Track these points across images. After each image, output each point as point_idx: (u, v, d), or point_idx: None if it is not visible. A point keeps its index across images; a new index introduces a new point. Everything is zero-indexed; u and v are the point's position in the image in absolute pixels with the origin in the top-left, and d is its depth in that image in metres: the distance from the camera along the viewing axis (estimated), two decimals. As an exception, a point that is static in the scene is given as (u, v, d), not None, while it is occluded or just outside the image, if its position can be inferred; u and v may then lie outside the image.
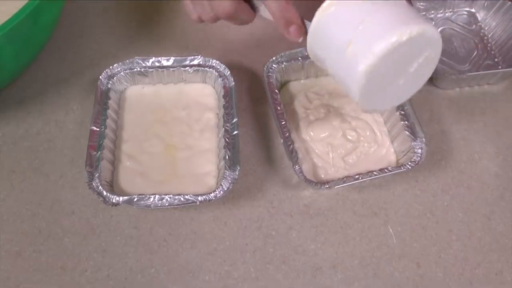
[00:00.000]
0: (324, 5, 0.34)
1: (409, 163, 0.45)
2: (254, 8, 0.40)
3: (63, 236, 0.44)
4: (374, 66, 0.32)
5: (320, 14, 0.34)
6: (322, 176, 0.47)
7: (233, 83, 0.49)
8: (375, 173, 0.44)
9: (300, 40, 0.37)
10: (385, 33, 0.31)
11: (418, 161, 0.45)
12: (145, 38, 0.58)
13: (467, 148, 0.50)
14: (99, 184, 0.43)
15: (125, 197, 0.42)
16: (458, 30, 0.59)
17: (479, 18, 0.59)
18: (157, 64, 0.51)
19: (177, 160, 0.47)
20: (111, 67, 0.50)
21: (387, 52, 0.31)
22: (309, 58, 0.50)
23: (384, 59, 0.32)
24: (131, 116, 0.50)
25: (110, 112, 0.48)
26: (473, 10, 0.60)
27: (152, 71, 0.50)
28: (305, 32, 0.37)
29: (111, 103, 0.49)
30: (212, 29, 0.58)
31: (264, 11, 0.39)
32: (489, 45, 0.57)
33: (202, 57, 0.51)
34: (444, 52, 0.34)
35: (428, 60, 0.35)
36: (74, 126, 0.51)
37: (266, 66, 0.50)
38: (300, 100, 0.51)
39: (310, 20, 0.35)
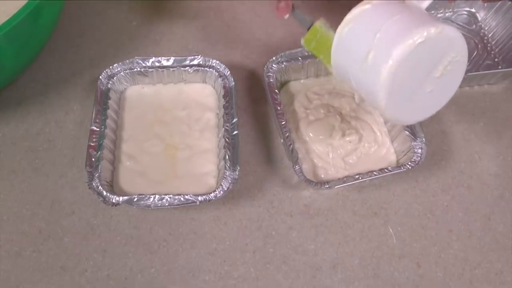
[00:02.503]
0: (342, 22, 0.35)
1: (409, 163, 0.45)
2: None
3: (63, 236, 0.44)
4: (396, 68, 0.32)
5: (340, 30, 0.35)
6: (322, 176, 0.47)
7: (233, 83, 0.49)
8: (375, 173, 0.44)
9: (286, 17, 0.41)
10: (402, 35, 0.32)
11: (418, 161, 0.45)
12: (145, 38, 0.58)
13: (467, 148, 0.50)
14: (99, 184, 0.43)
15: (125, 197, 0.42)
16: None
17: (479, 18, 0.59)
18: (157, 64, 0.51)
19: (177, 160, 0.47)
20: (111, 67, 0.50)
21: (407, 53, 0.32)
22: (309, 58, 0.51)
23: (404, 61, 0.32)
24: (131, 116, 0.50)
25: (110, 112, 0.48)
26: (473, 10, 0.60)
27: (152, 71, 0.50)
28: (290, 11, 0.41)
29: (111, 103, 0.49)
30: (212, 29, 0.58)
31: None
32: (489, 45, 0.57)
33: (202, 57, 0.51)
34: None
35: (454, 64, 0.34)
36: (74, 126, 0.51)
37: (266, 66, 0.50)
38: (300, 100, 0.51)
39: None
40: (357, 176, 0.44)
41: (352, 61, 0.35)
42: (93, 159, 0.44)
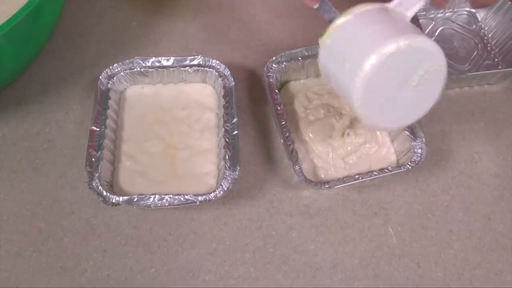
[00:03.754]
0: (326, 33, 0.36)
1: (409, 163, 0.45)
2: None
3: (63, 236, 0.44)
4: (367, 79, 0.33)
5: (323, 40, 0.36)
6: (322, 176, 0.47)
7: (233, 83, 0.49)
8: (375, 173, 0.44)
9: (316, 6, 0.39)
10: (374, 47, 0.33)
11: (418, 161, 0.45)
12: (145, 38, 0.58)
13: (467, 148, 0.50)
14: (99, 184, 0.43)
15: (125, 197, 0.42)
16: (458, 30, 0.59)
17: (479, 18, 0.59)
18: (157, 64, 0.51)
19: (177, 160, 0.47)
20: (111, 67, 0.50)
21: (378, 65, 0.33)
22: (309, 58, 0.51)
23: (376, 72, 0.33)
24: (131, 116, 0.50)
25: (110, 112, 0.48)
26: (473, 10, 0.60)
27: (152, 71, 0.50)
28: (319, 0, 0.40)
29: (111, 103, 0.49)
30: (212, 29, 0.58)
31: None
32: (489, 45, 0.57)
33: (202, 57, 0.51)
34: (444, 52, 0.35)
35: (430, 73, 0.35)
36: (74, 126, 0.51)
37: (266, 66, 0.50)
38: (300, 100, 0.51)
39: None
40: (357, 176, 0.44)
41: (333, 69, 0.36)
42: (93, 159, 0.44)
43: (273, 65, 0.50)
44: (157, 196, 0.42)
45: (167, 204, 0.42)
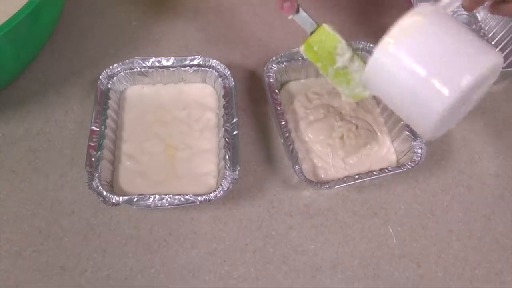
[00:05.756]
0: (383, 42, 0.33)
1: (409, 163, 0.45)
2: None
3: (63, 236, 0.44)
4: (459, 98, 0.30)
5: (386, 43, 0.32)
6: (322, 176, 0.47)
7: (233, 83, 0.49)
8: (375, 173, 0.44)
9: (290, 17, 0.40)
10: (472, 63, 0.30)
11: (418, 161, 0.45)
12: (145, 38, 0.58)
13: (467, 148, 0.50)
14: (99, 184, 0.43)
15: (125, 197, 0.42)
16: (458, 30, 0.59)
17: (479, 18, 0.59)
18: (157, 64, 0.51)
19: (177, 160, 0.47)
20: (111, 67, 0.50)
21: (472, 84, 0.30)
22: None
23: (470, 89, 0.30)
24: (131, 116, 0.50)
25: (110, 112, 0.48)
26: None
27: (152, 71, 0.50)
28: (295, 11, 0.40)
29: (111, 103, 0.49)
30: (212, 29, 0.58)
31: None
32: (489, 45, 0.57)
33: (202, 57, 0.51)
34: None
35: (487, 85, 0.34)
36: (74, 126, 0.50)
37: (266, 66, 0.50)
38: (300, 100, 0.51)
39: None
40: (357, 176, 0.44)
41: (393, 85, 0.33)
42: (93, 159, 0.44)
43: (273, 65, 0.50)
44: (157, 196, 0.42)
45: (167, 204, 0.42)
